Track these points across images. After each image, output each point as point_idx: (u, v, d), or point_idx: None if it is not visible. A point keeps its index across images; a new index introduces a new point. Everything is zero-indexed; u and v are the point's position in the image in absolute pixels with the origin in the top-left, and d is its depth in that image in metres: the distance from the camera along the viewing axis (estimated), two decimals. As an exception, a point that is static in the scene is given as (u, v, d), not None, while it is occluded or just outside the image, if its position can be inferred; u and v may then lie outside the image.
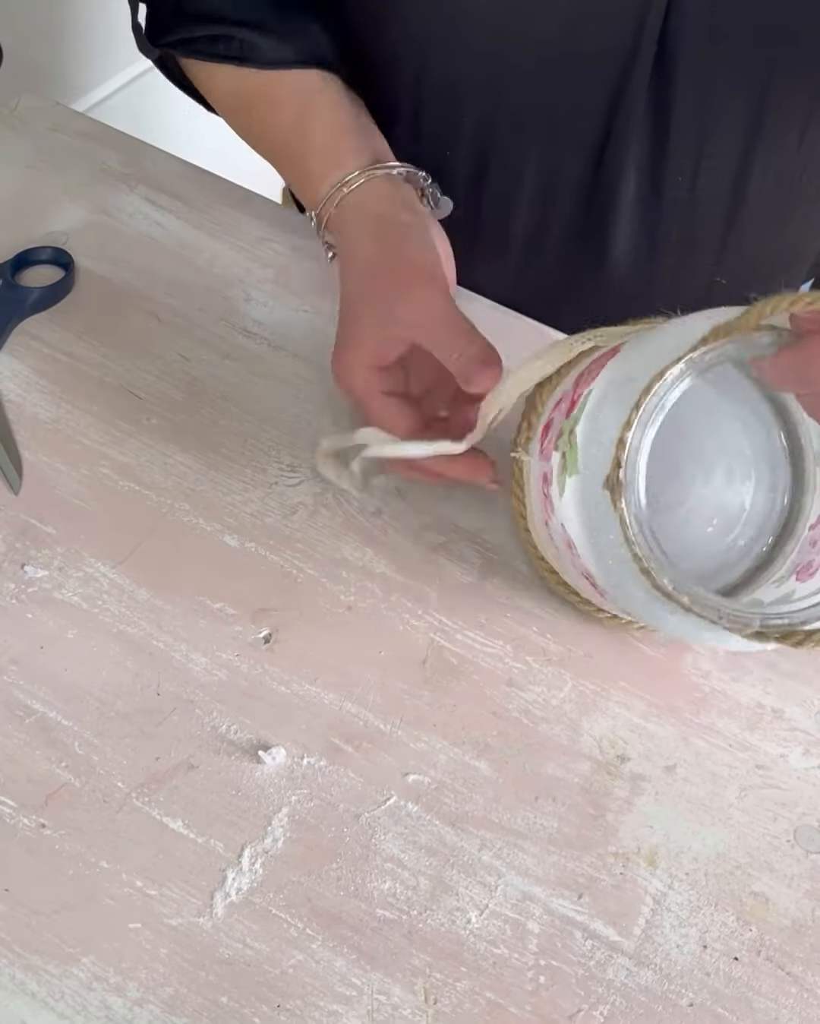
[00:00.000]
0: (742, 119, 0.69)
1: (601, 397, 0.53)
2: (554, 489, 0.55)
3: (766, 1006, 0.53)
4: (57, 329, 0.73)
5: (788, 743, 0.61)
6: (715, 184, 0.73)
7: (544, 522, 0.58)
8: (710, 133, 0.70)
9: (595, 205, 0.74)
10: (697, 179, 0.72)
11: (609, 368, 0.54)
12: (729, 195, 0.73)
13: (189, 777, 0.57)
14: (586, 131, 0.70)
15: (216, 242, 0.78)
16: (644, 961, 0.54)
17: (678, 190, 0.73)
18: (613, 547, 0.53)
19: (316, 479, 0.68)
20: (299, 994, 0.52)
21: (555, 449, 0.55)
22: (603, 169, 0.72)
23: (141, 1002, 0.51)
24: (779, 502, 0.62)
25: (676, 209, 0.74)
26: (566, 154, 0.72)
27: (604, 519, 0.52)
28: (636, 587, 0.53)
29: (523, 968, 0.53)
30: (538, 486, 0.58)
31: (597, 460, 0.52)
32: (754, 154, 0.71)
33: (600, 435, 0.52)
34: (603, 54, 0.66)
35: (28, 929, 0.53)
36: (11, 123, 0.84)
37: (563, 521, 0.55)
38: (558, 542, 0.57)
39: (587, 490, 0.53)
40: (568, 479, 0.54)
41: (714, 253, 0.77)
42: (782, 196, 0.75)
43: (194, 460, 0.68)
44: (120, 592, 0.63)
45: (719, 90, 0.67)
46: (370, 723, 0.60)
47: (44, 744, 0.58)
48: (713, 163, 0.71)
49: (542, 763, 0.59)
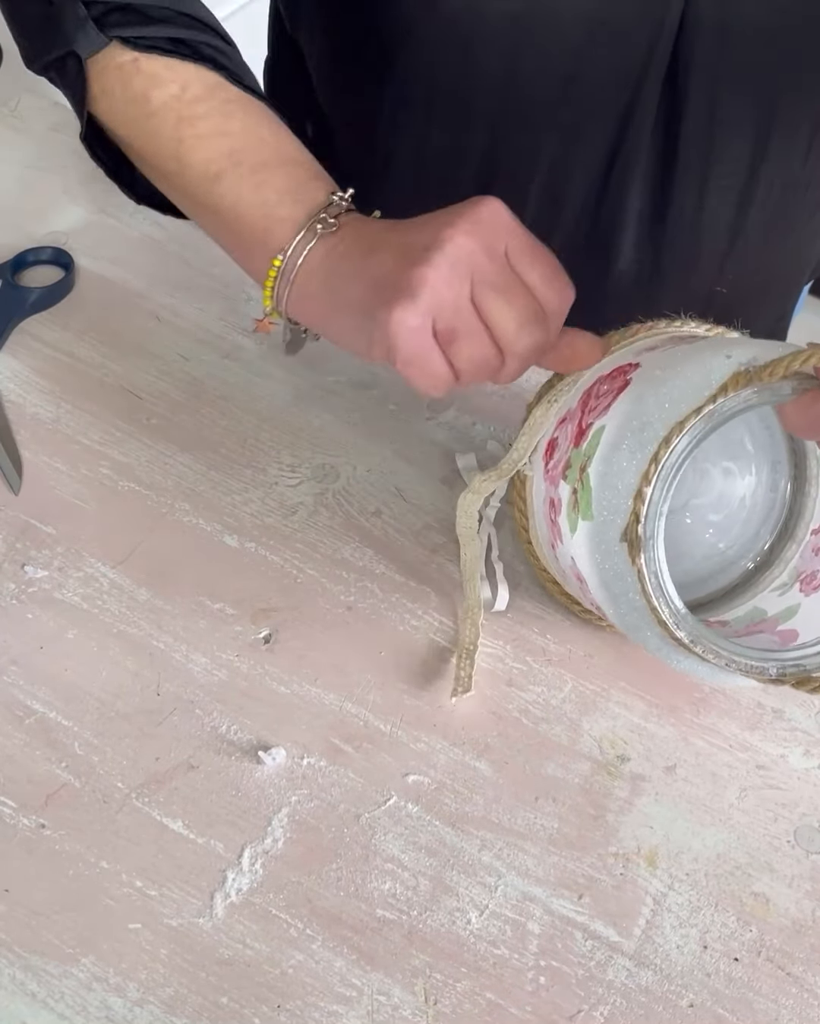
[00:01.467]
0: (751, 136, 0.69)
1: (616, 441, 0.51)
2: (564, 521, 0.54)
3: (766, 1006, 0.53)
4: (57, 329, 0.73)
5: (788, 743, 0.61)
6: (722, 200, 0.73)
7: (550, 544, 0.57)
8: (719, 151, 0.70)
9: (601, 220, 0.74)
10: (704, 197, 0.72)
11: (623, 404, 0.52)
12: (735, 210, 0.73)
13: (189, 777, 0.57)
14: (595, 148, 0.70)
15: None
16: (644, 962, 0.54)
17: (685, 207, 0.73)
18: (627, 594, 0.51)
19: (316, 479, 0.68)
20: (299, 994, 0.52)
21: (563, 479, 0.54)
22: (610, 185, 0.72)
23: (141, 1002, 0.51)
24: (779, 501, 0.61)
25: (682, 225, 0.74)
26: (574, 170, 0.72)
27: (619, 568, 0.51)
28: (650, 632, 0.52)
29: (523, 968, 0.53)
30: (544, 509, 0.57)
31: (612, 507, 0.51)
32: (761, 170, 0.71)
33: (615, 481, 0.50)
34: (614, 73, 0.66)
35: (28, 929, 0.53)
36: (11, 123, 0.84)
37: (573, 555, 0.54)
38: (565, 570, 0.56)
39: (601, 536, 0.51)
40: (581, 521, 0.52)
41: (717, 265, 0.77)
42: (786, 209, 0.75)
43: (194, 460, 0.68)
44: (120, 592, 0.63)
45: (728, 108, 0.67)
46: (370, 723, 0.60)
47: (44, 744, 0.58)
48: (721, 181, 0.71)
49: (542, 763, 0.59)
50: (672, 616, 0.51)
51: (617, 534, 0.50)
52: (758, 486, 0.62)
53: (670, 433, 0.49)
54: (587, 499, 0.52)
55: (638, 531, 0.49)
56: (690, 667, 0.54)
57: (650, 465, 0.49)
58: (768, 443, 0.61)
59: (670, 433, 0.49)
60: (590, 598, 0.55)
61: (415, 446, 0.70)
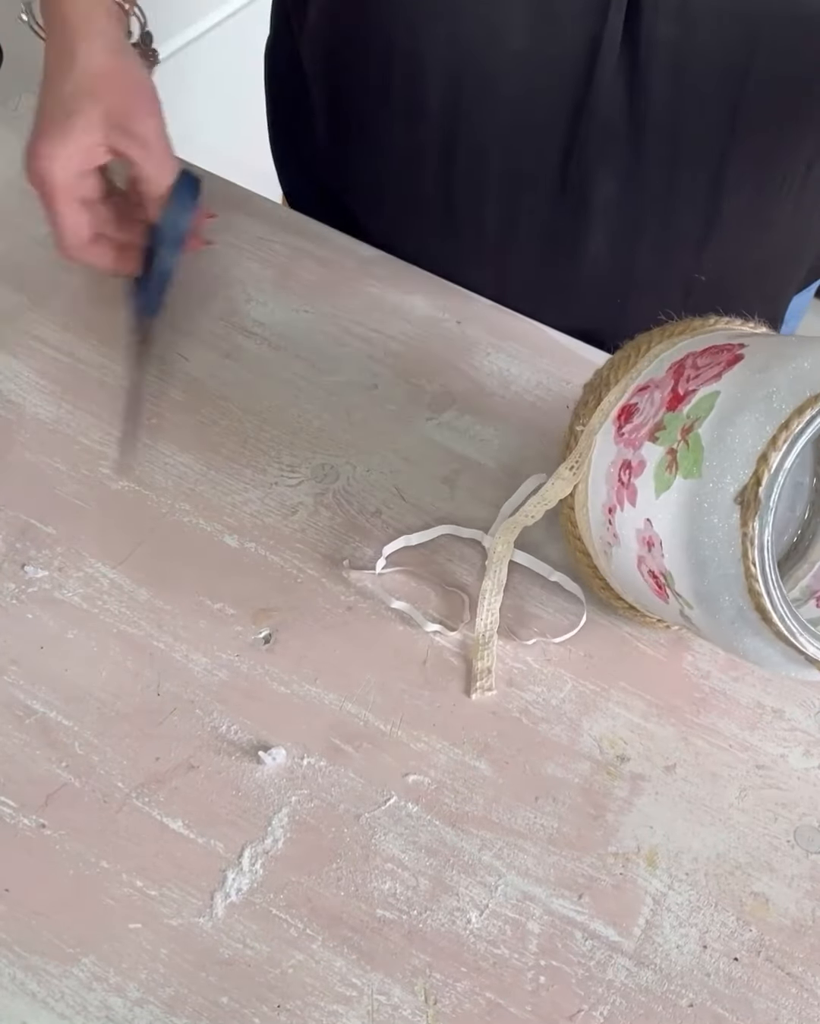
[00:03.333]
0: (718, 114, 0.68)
1: (737, 404, 0.51)
2: (645, 482, 0.54)
3: (766, 1006, 0.53)
4: (57, 329, 0.73)
5: (788, 743, 0.61)
6: (693, 182, 0.72)
7: (607, 508, 0.57)
8: (687, 130, 0.69)
9: (568, 207, 0.74)
10: (675, 180, 0.71)
11: (740, 372, 0.52)
12: (707, 192, 0.73)
13: (189, 777, 0.57)
14: (553, 128, 0.70)
15: (216, 242, 0.78)
16: (644, 961, 0.54)
17: (656, 190, 0.72)
18: (718, 559, 0.51)
19: (316, 479, 0.68)
20: (299, 994, 0.52)
21: (652, 441, 0.54)
22: (571, 169, 0.71)
23: (141, 1002, 0.51)
24: (795, 521, 0.61)
25: (655, 210, 0.73)
26: (531, 151, 0.71)
27: (718, 531, 0.50)
28: (729, 602, 0.52)
29: (523, 968, 0.53)
30: (612, 470, 0.56)
31: (724, 469, 0.50)
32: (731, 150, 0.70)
33: (733, 442, 0.50)
34: (565, 49, 0.65)
35: (28, 929, 0.53)
36: (11, 123, 0.84)
37: (649, 517, 0.53)
38: (625, 532, 0.56)
39: (706, 496, 0.51)
40: (679, 479, 0.52)
41: (694, 253, 0.77)
42: (763, 195, 0.74)
43: (194, 460, 0.68)
44: (120, 592, 0.63)
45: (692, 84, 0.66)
46: (370, 723, 0.60)
47: (44, 744, 0.58)
48: (691, 163, 0.71)
49: (542, 763, 0.59)
50: (766, 583, 0.50)
51: (727, 495, 0.50)
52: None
53: (805, 404, 0.49)
54: (694, 458, 0.51)
55: (758, 493, 0.49)
56: (753, 647, 0.53)
57: (780, 432, 0.49)
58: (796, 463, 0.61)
59: (805, 404, 0.49)
60: (655, 563, 0.54)
61: (415, 446, 0.70)
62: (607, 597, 0.62)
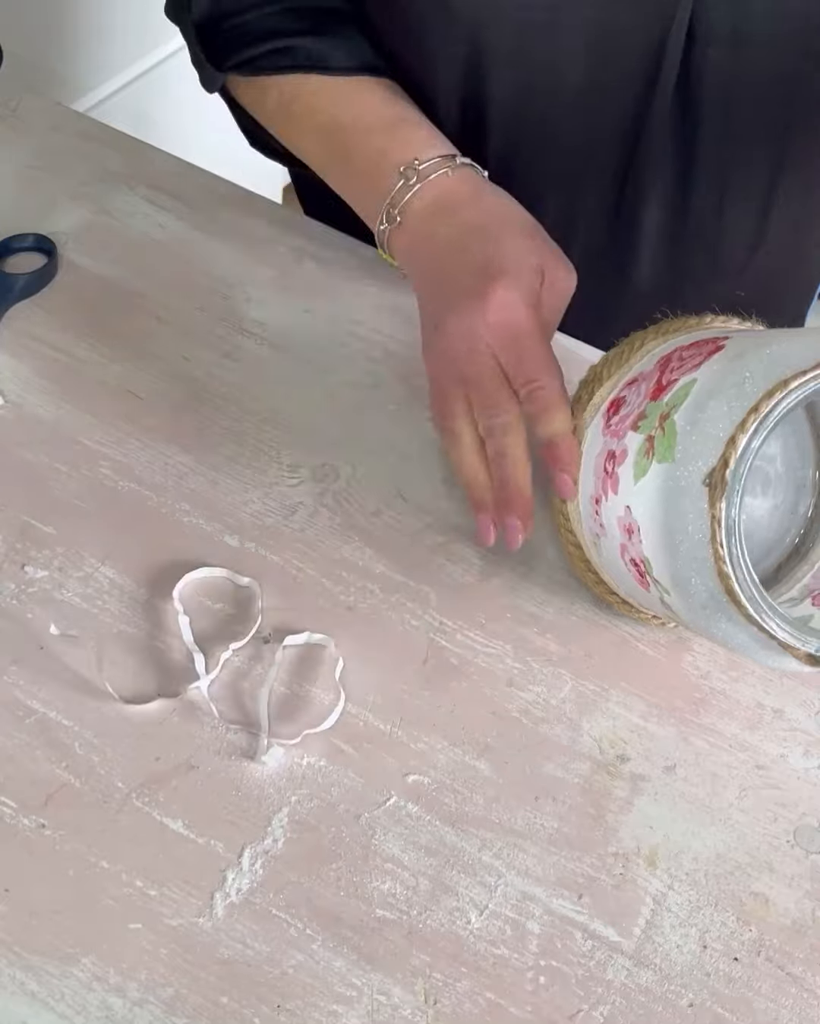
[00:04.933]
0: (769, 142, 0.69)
1: (710, 389, 0.51)
2: (626, 470, 0.54)
3: (766, 1006, 0.53)
4: (58, 330, 0.73)
5: (788, 743, 0.61)
6: (743, 208, 0.73)
7: (594, 498, 0.57)
8: (737, 159, 0.70)
9: (618, 235, 0.74)
10: (724, 206, 0.72)
11: (717, 361, 0.53)
12: (756, 217, 0.73)
13: (189, 777, 0.57)
14: (608, 162, 0.70)
15: (216, 242, 0.78)
16: (644, 961, 0.54)
17: (705, 217, 0.73)
18: (689, 542, 0.51)
19: (316, 479, 0.68)
20: (299, 994, 0.52)
21: (634, 430, 0.54)
22: (625, 200, 0.72)
23: (141, 1002, 0.51)
24: (797, 523, 0.61)
25: (702, 236, 0.74)
26: (587, 184, 0.72)
27: (688, 513, 0.51)
28: (700, 586, 0.52)
29: (523, 968, 0.53)
30: (598, 461, 0.57)
31: (696, 452, 0.51)
32: (781, 176, 0.71)
33: (705, 427, 0.51)
34: (622, 82, 0.66)
35: (28, 929, 0.53)
36: (11, 123, 0.84)
37: (629, 504, 0.54)
38: (609, 522, 0.56)
39: (678, 479, 0.51)
40: (655, 464, 0.52)
41: (738, 272, 0.77)
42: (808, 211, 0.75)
43: (194, 460, 0.68)
44: (120, 592, 0.63)
45: (744, 115, 0.67)
46: (370, 723, 0.60)
47: (44, 744, 0.58)
48: (741, 189, 0.71)
49: (542, 763, 0.59)
50: (734, 565, 0.50)
51: (698, 477, 0.50)
52: (779, 506, 0.61)
53: (775, 388, 0.49)
54: (669, 443, 0.52)
55: (725, 475, 0.49)
56: (726, 632, 0.53)
57: (749, 415, 0.49)
58: (798, 465, 0.61)
59: (775, 388, 0.49)
60: (634, 551, 0.55)
61: (415, 446, 0.70)
62: (601, 592, 0.62)
